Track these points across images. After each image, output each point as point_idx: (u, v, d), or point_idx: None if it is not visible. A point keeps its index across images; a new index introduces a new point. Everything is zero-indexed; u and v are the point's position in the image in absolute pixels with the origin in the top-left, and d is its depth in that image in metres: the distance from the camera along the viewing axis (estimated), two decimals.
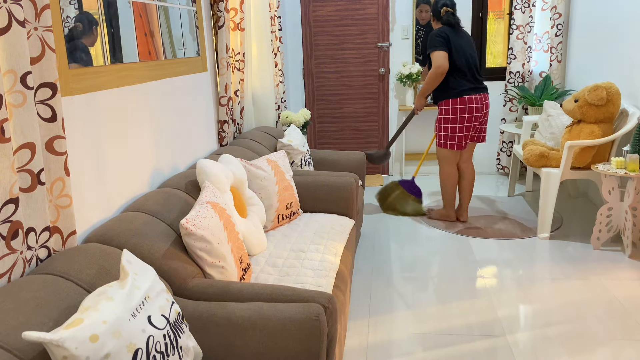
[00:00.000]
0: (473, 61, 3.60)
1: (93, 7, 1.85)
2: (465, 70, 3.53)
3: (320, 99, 5.15)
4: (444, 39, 3.50)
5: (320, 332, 1.54)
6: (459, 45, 3.55)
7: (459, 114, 3.55)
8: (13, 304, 1.25)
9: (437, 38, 3.51)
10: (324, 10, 4.93)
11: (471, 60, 3.59)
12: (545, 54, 4.71)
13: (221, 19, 3.08)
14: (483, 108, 3.60)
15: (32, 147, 1.42)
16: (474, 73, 3.59)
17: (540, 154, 3.51)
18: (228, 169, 2.33)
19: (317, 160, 3.61)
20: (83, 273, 1.47)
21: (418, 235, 3.66)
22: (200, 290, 1.76)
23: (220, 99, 3.17)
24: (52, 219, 1.56)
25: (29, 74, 1.38)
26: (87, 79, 1.81)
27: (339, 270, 2.26)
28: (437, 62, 3.46)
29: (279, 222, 2.69)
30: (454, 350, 2.31)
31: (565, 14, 4.55)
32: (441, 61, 3.46)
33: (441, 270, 3.09)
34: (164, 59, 2.45)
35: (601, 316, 2.53)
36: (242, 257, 2.07)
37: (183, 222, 1.81)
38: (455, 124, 3.58)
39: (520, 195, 4.47)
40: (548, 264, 3.13)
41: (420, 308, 2.67)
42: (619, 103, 3.28)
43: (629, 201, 3.08)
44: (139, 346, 1.21)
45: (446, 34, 3.52)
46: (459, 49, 3.54)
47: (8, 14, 1.31)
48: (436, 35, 3.53)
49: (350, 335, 2.45)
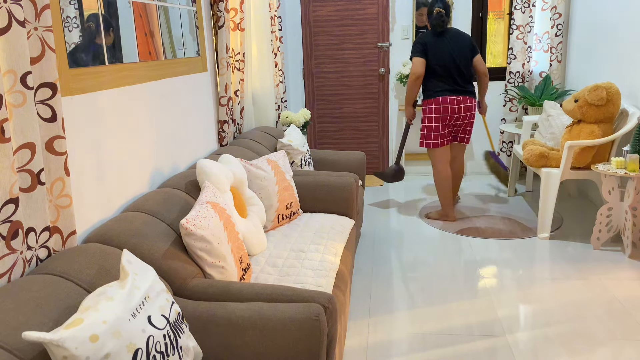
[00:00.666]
0: (455, 65, 3.68)
1: (93, 7, 1.85)
2: (443, 74, 3.67)
3: (320, 99, 5.15)
4: (422, 45, 3.68)
5: (320, 332, 1.54)
6: (439, 50, 3.66)
7: (434, 113, 3.70)
8: (13, 304, 1.25)
9: (416, 45, 3.70)
10: (324, 10, 4.93)
11: (452, 65, 3.67)
12: (545, 54, 4.71)
13: (221, 19, 3.08)
14: (461, 110, 3.70)
15: (32, 147, 1.42)
16: (454, 77, 3.69)
17: (540, 154, 3.51)
18: (228, 169, 2.33)
19: (317, 160, 3.61)
20: (83, 273, 1.47)
21: (418, 235, 3.66)
22: (200, 290, 1.76)
23: (220, 99, 3.17)
24: (52, 219, 1.56)
25: (29, 74, 1.38)
26: (87, 79, 1.81)
27: (339, 270, 2.26)
28: (412, 68, 3.69)
29: (279, 222, 2.69)
30: (454, 350, 2.31)
31: (565, 14, 4.55)
32: (415, 68, 3.67)
33: (441, 270, 3.09)
34: (164, 59, 2.45)
35: (601, 316, 2.53)
36: (242, 257, 2.07)
37: (183, 222, 1.81)
38: (430, 122, 3.74)
39: (520, 195, 4.47)
40: (548, 264, 3.13)
41: (420, 308, 2.67)
42: (619, 103, 3.28)
43: (629, 201, 3.08)
44: (139, 346, 1.21)
45: (425, 40, 3.68)
46: (439, 54, 3.66)
47: (8, 14, 1.31)
48: (416, 42, 3.73)
49: (350, 335, 2.45)
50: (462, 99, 3.69)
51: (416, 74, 3.66)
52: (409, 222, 3.92)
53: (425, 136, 3.78)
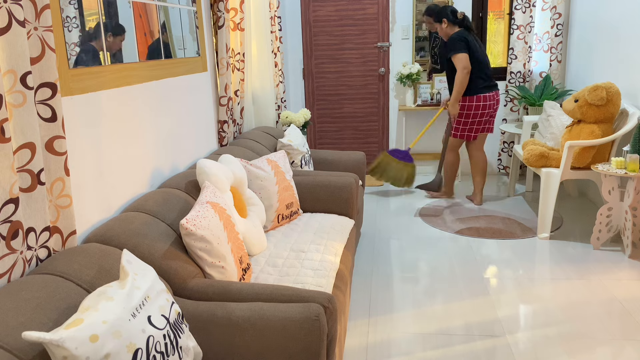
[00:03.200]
0: (485, 61, 3.98)
1: (93, 7, 1.85)
2: (479, 71, 3.93)
3: (320, 99, 5.15)
4: (464, 42, 3.88)
5: (320, 332, 1.54)
6: (475, 47, 3.93)
7: (474, 110, 4.00)
8: (13, 304, 1.25)
9: (459, 42, 3.87)
10: (324, 10, 4.93)
11: (484, 60, 3.97)
12: (545, 54, 4.71)
13: (221, 19, 3.08)
14: (494, 104, 4.06)
15: (32, 147, 1.42)
16: (488, 73, 3.99)
17: (540, 154, 3.51)
18: (228, 169, 2.33)
19: (317, 160, 3.61)
20: (83, 273, 1.47)
21: (418, 235, 3.66)
22: (200, 290, 1.76)
23: (220, 99, 3.17)
24: (52, 219, 1.56)
25: (29, 74, 1.38)
26: (87, 79, 1.81)
27: (339, 270, 2.26)
28: (463, 63, 3.85)
29: (279, 222, 2.69)
30: (454, 350, 2.31)
31: (565, 14, 4.55)
32: (466, 62, 3.85)
33: (441, 270, 3.09)
34: (164, 59, 2.45)
35: (601, 316, 2.53)
36: (242, 257, 2.07)
37: (183, 222, 1.81)
38: (469, 118, 4.04)
39: (520, 195, 4.47)
40: (548, 264, 3.13)
41: (420, 308, 2.67)
42: (619, 103, 3.28)
43: (629, 201, 3.08)
44: (139, 346, 1.21)
45: (465, 37, 3.89)
46: (475, 51, 3.92)
47: (8, 14, 1.31)
48: (458, 39, 3.89)
49: (350, 335, 2.45)
50: (495, 94, 4.03)
51: (468, 68, 3.86)
52: (409, 222, 3.92)
53: (462, 129, 4.09)
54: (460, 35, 3.88)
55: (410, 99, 5.02)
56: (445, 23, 3.99)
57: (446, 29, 4.00)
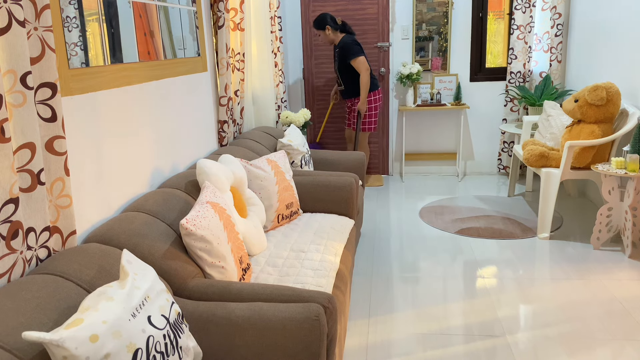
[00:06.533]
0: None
1: (93, 7, 1.85)
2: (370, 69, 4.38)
3: (320, 99, 5.15)
4: (359, 45, 4.29)
5: (320, 332, 1.54)
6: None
7: (377, 102, 4.50)
8: (13, 304, 1.25)
9: (355, 46, 4.26)
10: (324, 10, 4.93)
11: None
12: (545, 54, 4.71)
13: (221, 19, 3.08)
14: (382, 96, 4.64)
15: (32, 147, 1.42)
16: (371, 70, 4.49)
17: (540, 154, 3.51)
18: (228, 169, 2.33)
19: (317, 160, 3.61)
20: (83, 273, 1.47)
21: (418, 235, 3.66)
22: (200, 290, 1.76)
23: (220, 99, 3.17)
24: (52, 219, 1.56)
25: (29, 74, 1.38)
26: (87, 79, 1.81)
27: (339, 270, 2.26)
28: (365, 65, 4.26)
29: (279, 222, 2.69)
30: (454, 350, 2.31)
31: (565, 14, 4.55)
32: (367, 64, 4.29)
33: (441, 270, 3.09)
34: (164, 59, 2.45)
35: (601, 316, 2.53)
36: (242, 257, 2.07)
37: (183, 222, 1.81)
38: (376, 111, 4.53)
39: (520, 195, 4.47)
40: (548, 264, 3.13)
41: (420, 308, 2.67)
42: (619, 103, 3.28)
43: (629, 201, 3.08)
44: (139, 346, 1.21)
45: (357, 41, 4.30)
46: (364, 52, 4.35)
47: (8, 14, 1.31)
48: (353, 43, 4.26)
49: (350, 335, 2.45)
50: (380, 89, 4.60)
51: (369, 69, 4.30)
52: (409, 222, 3.92)
53: (370, 122, 4.55)
54: (354, 40, 4.27)
55: (410, 99, 5.02)
56: (329, 30, 4.30)
57: (331, 35, 4.33)
